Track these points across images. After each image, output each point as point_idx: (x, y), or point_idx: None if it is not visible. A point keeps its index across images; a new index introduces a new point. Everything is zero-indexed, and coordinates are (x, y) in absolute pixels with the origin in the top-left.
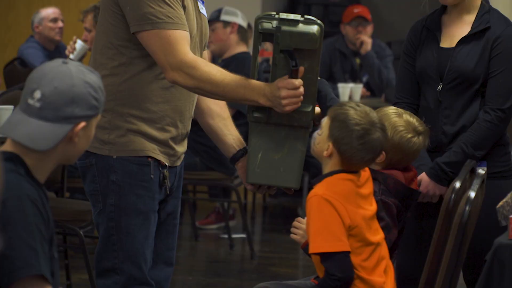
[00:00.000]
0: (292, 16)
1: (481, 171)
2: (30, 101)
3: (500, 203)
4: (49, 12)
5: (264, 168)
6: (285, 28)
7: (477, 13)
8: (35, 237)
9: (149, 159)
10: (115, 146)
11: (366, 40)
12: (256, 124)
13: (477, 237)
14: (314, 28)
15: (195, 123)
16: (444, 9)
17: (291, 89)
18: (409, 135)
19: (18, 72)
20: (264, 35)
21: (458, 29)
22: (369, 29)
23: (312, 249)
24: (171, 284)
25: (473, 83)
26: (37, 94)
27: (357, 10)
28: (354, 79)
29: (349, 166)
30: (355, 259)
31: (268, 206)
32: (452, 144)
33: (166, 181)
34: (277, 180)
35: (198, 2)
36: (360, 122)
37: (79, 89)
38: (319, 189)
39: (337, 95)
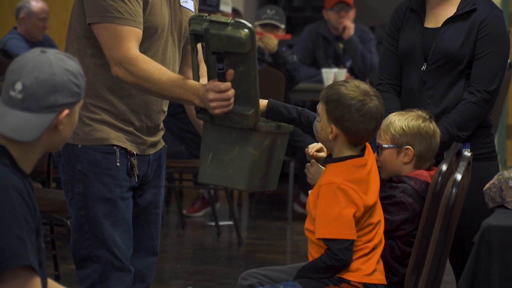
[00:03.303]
0: (223, 19)
1: (467, 153)
2: (12, 93)
3: (487, 185)
4: (40, 8)
5: (214, 168)
6: (213, 31)
7: None
8: (22, 228)
9: (115, 148)
10: (79, 136)
11: (349, 25)
12: (207, 124)
13: (463, 219)
14: (243, 32)
15: (180, 110)
16: None
17: (217, 92)
18: (421, 121)
19: (2, 64)
20: (196, 36)
21: (443, 10)
22: (351, 13)
23: (322, 234)
24: (159, 272)
25: (458, 63)
26: (19, 86)
27: None
28: (338, 64)
29: (357, 141)
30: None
31: (255, 192)
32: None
33: (134, 169)
34: (226, 181)
35: None
36: (354, 95)
37: (60, 77)
38: (335, 177)
39: (321, 80)
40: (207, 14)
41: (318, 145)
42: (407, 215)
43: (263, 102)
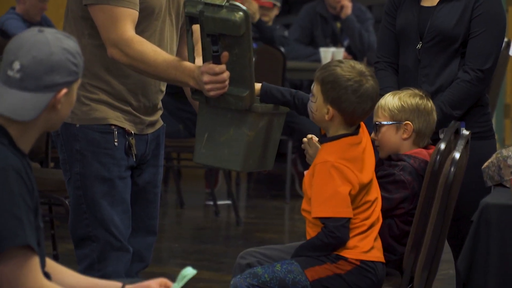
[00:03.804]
0: (217, 2)
1: (465, 132)
2: (10, 73)
3: (486, 164)
4: None
5: (209, 148)
6: (208, 13)
7: None
8: (20, 207)
9: (113, 127)
10: (77, 115)
11: (346, 4)
12: (203, 105)
13: (461, 198)
14: (237, 15)
15: (179, 90)
16: None
17: (212, 75)
18: (418, 98)
19: (0, 44)
20: (191, 19)
21: None
22: None
23: (318, 212)
24: (157, 252)
25: (453, 42)
26: (16, 65)
27: None
28: (336, 43)
29: (353, 121)
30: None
31: (253, 172)
32: None
33: (132, 148)
34: (221, 161)
35: None
36: (350, 76)
37: (58, 57)
38: (330, 155)
39: (319, 60)
40: None
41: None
42: (406, 194)
43: (257, 86)
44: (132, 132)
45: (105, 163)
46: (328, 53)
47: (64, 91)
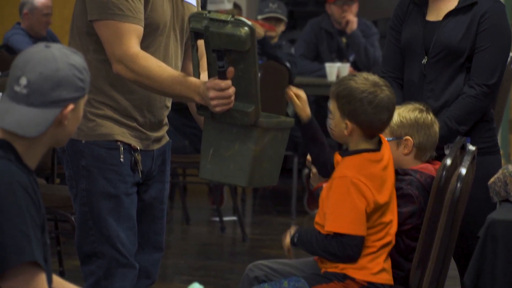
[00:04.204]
0: (223, 17)
1: (472, 147)
2: (17, 88)
3: (492, 179)
4: (43, 3)
5: (214, 164)
6: (213, 29)
7: None
8: (27, 224)
9: (119, 143)
10: (83, 131)
11: (352, 19)
12: (208, 120)
13: (467, 214)
14: (243, 30)
15: (184, 105)
16: None
17: (218, 90)
18: (417, 112)
19: (5, 59)
20: (196, 34)
21: (445, 3)
22: (354, 8)
23: (333, 227)
24: (163, 268)
25: (458, 56)
26: (23, 81)
27: None
28: (341, 58)
29: (372, 133)
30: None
31: (258, 188)
32: (436, 118)
33: (138, 164)
34: (227, 177)
35: None
36: (364, 88)
37: (64, 72)
38: (349, 170)
39: (325, 75)
40: (207, 12)
41: None
42: (414, 208)
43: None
44: (138, 148)
45: (111, 179)
46: (334, 68)
47: (70, 107)
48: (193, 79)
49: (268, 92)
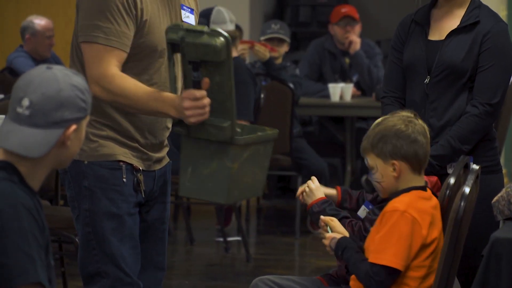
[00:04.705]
0: (199, 28)
1: (475, 166)
2: (19, 110)
3: (496, 198)
4: (44, 26)
5: (194, 182)
6: (189, 39)
7: (467, 7)
8: (31, 245)
9: (121, 163)
10: (85, 152)
11: (355, 40)
12: (185, 137)
13: (471, 232)
14: (218, 40)
15: None
16: (434, 3)
17: (192, 100)
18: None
19: (8, 81)
20: (173, 46)
21: (447, 22)
22: (357, 28)
23: (379, 259)
24: None
25: (461, 76)
26: (26, 102)
27: (345, 9)
28: (344, 79)
29: (419, 163)
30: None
31: (262, 208)
32: (438, 138)
33: (140, 184)
34: (206, 194)
35: (183, 11)
36: (393, 123)
37: (67, 93)
38: (400, 204)
39: (328, 95)
40: (183, 23)
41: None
42: None
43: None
44: (140, 168)
45: (113, 199)
46: (337, 89)
47: (73, 127)
48: (168, 94)
49: (272, 113)
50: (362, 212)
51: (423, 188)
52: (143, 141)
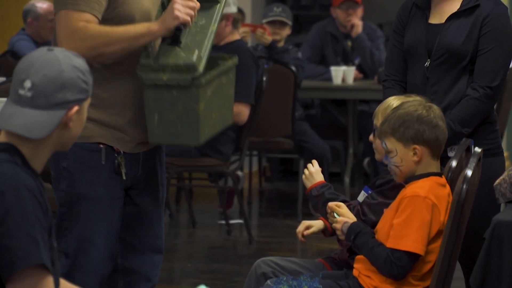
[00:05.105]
0: None
1: (477, 149)
2: (21, 92)
3: (497, 181)
4: (46, 9)
5: (162, 128)
6: None
7: None
8: (34, 227)
9: (101, 145)
10: None
11: (357, 23)
12: (148, 87)
13: (473, 215)
14: None
15: None
16: None
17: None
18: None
19: (10, 65)
20: None
21: (447, 6)
22: (359, 11)
23: (401, 245)
24: (170, 272)
25: (461, 59)
26: (28, 84)
27: None
28: (346, 61)
29: (439, 147)
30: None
31: (265, 191)
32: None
33: (121, 167)
34: (177, 139)
35: None
36: (413, 108)
37: (68, 74)
38: (420, 190)
39: (330, 78)
40: None
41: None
42: None
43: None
44: (122, 151)
45: (92, 181)
46: (339, 72)
47: (75, 108)
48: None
49: (273, 96)
50: (361, 197)
51: (440, 175)
52: (132, 113)
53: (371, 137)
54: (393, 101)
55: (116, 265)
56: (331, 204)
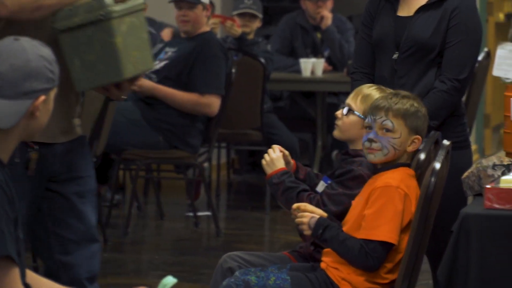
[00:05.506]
0: None
1: (446, 142)
2: None
3: (465, 174)
4: None
5: (85, 72)
6: None
7: None
8: (1, 218)
9: None
10: None
11: (326, 15)
12: (61, 34)
13: (440, 208)
14: None
15: (158, 101)
16: None
17: None
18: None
19: None
20: None
21: None
22: (329, 3)
23: (375, 236)
24: (137, 263)
25: (429, 52)
26: None
27: None
28: (316, 53)
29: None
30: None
31: (233, 183)
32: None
33: (30, 163)
34: (102, 79)
35: None
36: (418, 103)
37: (35, 64)
38: (393, 181)
39: (299, 70)
40: None
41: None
42: None
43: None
44: (34, 147)
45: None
46: (309, 64)
47: (42, 98)
48: None
49: (243, 88)
50: (321, 187)
51: (409, 165)
52: None
53: (339, 112)
54: (371, 88)
55: (55, 262)
56: (296, 204)
